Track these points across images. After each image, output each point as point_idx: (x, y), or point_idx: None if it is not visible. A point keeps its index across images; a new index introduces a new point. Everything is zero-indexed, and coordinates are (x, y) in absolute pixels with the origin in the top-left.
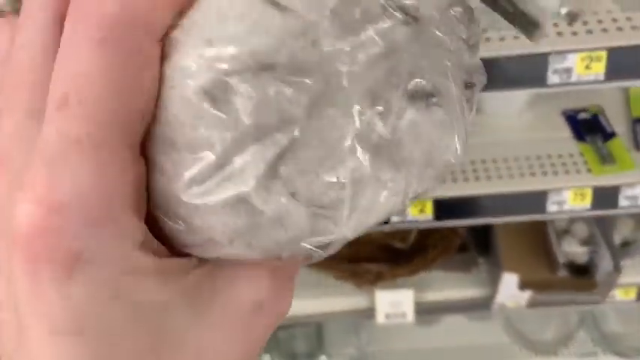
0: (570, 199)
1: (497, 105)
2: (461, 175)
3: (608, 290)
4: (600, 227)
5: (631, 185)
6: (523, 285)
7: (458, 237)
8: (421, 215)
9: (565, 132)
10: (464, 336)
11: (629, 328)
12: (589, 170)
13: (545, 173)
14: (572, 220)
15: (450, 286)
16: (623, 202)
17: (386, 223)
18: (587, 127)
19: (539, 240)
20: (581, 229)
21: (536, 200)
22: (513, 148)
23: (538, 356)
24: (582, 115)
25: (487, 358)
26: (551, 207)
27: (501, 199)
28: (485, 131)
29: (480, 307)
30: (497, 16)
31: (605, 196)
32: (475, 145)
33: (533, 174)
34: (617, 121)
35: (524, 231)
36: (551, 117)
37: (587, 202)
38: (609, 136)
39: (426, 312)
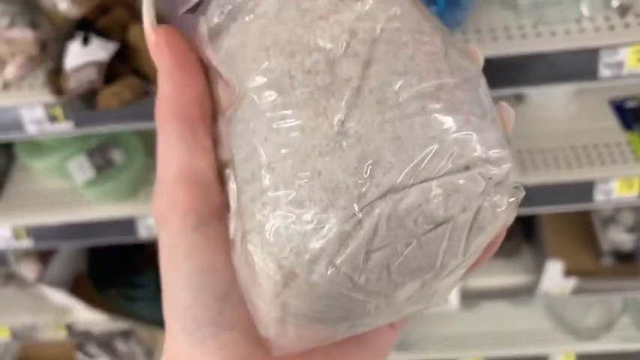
0: (618, 188)
1: (543, 96)
2: None
3: None
4: None
5: None
6: (567, 272)
7: None
8: None
9: (612, 121)
10: (506, 321)
11: None
12: (636, 159)
13: (591, 163)
14: (619, 208)
15: (494, 273)
16: None
17: None
18: (635, 115)
19: (584, 227)
20: (627, 217)
21: (584, 190)
22: (560, 138)
23: (580, 341)
24: (629, 104)
25: (529, 343)
26: (599, 196)
27: (548, 189)
28: (531, 122)
29: (524, 294)
30: (546, 11)
31: None
32: (521, 136)
33: (580, 164)
34: None
35: (568, 218)
36: (598, 106)
37: (635, 191)
38: None
39: (470, 298)
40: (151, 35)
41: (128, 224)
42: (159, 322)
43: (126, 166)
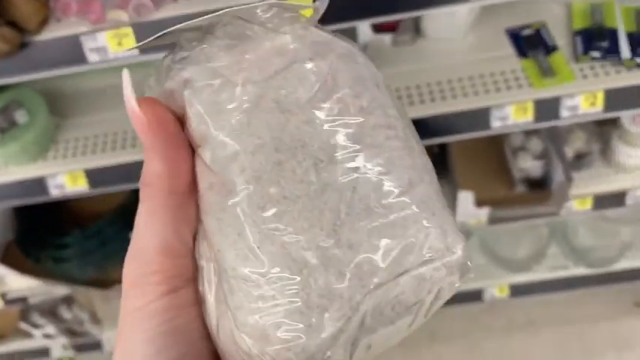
0: (513, 113)
1: (440, 29)
2: (406, 99)
3: (562, 201)
4: (553, 141)
5: (571, 96)
6: (480, 202)
7: None
8: None
9: (508, 50)
10: None
11: (597, 241)
12: (530, 85)
13: (487, 91)
14: (527, 137)
15: None
16: (564, 112)
17: None
18: (529, 43)
19: (495, 158)
20: (535, 144)
21: (480, 117)
22: (457, 70)
23: (513, 273)
24: (525, 32)
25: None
26: (495, 123)
27: (447, 119)
28: (430, 56)
29: None
30: None
31: (547, 109)
32: (419, 70)
33: (476, 93)
34: (559, 35)
35: (480, 150)
36: (495, 36)
37: (530, 116)
38: (551, 49)
39: None
40: (136, 111)
41: (39, 184)
42: (90, 282)
43: (29, 126)
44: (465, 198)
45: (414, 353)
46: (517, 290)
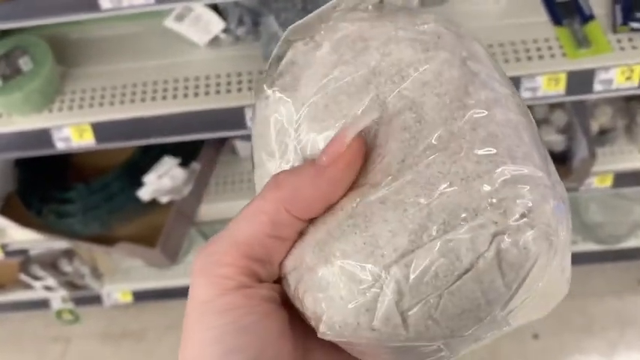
0: (544, 84)
1: None
2: None
3: (584, 177)
4: (578, 115)
5: (606, 69)
6: None
7: None
8: None
9: (542, 16)
10: None
11: (609, 218)
12: (564, 54)
13: (518, 59)
14: (552, 109)
15: None
16: (597, 86)
17: None
18: (565, 9)
19: None
20: (559, 117)
21: None
22: (487, 35)
23: None
24: None
25: None
26: (525, 93)
27: None
28: (460, 19)
29: None
30: None
31: (580, 81)
32: None
33: (506, 60)
34: (596, 3)
35: None
36: (529, 1)
37: (562, 88)
38: (587, 18)
39: None
40: (347, 141)
41: (43, 137)
42: (93, 238)
43: (34, 74)
44: None
45: None
46: None
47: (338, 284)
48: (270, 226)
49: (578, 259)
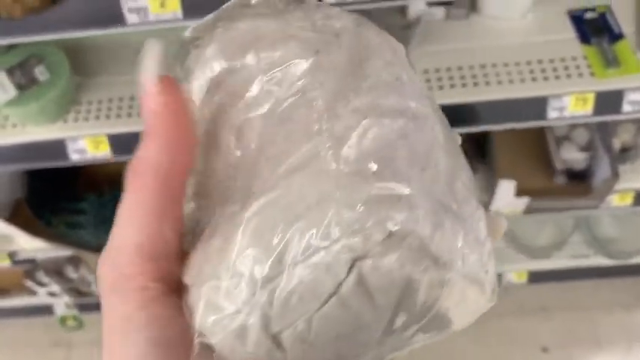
0: (571, 104)
1: (498, 6)
2: (459, 81)
3: (604, 196)
4: (600, 133)
5: (635, 90)
6: (519, 192)
7: None
8: None
9: (570, 34)
10: None
11: (622, 233)
12: (592, 74)
13: (546, 78)
14: (573, 126)
15: None
16: (626, 107)
17: None
18: (593, 28)
19: (538, 146)
20: (581, 135)
21: (536, 106)
22: (514, 53)
23: (532, 259)
24: (589, 15)
25: None
26: (552, 113)
27: (500, 105)
28: (485, 35)
29: None
30: None
31: (608, 101)
32: (475, 50)
33: (534, 79)
34: (625, 21)
35: (522, 137)
36: (556, 18)
37: (589, 108)
38: (616, 37)
39: None
40: (153, 89)
41: (58, 148)
42: (102, 249)
43: (50, 84)
44: (507, 187)
45: None
46: (535, 277)
47: (206, 311)
48: (162, 210)
49: (588, 273)
